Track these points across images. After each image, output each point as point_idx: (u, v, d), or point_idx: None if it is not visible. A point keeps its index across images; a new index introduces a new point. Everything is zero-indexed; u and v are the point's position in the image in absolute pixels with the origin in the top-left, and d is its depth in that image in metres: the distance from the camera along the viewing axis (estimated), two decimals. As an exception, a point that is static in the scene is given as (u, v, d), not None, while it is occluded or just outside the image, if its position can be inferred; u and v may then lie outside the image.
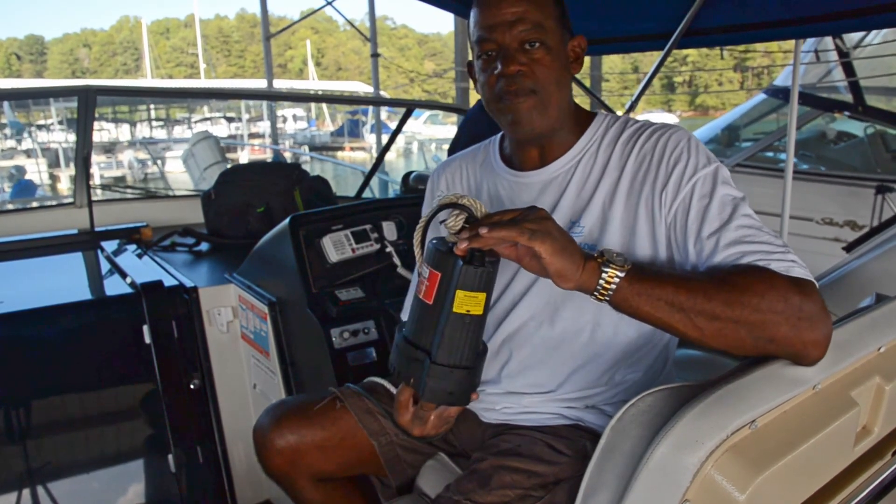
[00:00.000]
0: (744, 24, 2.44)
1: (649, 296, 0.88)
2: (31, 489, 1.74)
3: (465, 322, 0.91)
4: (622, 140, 1.13)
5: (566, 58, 1.13)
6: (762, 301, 0.85)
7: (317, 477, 1.34)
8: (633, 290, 0.88)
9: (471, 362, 0.94)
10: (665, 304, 0.87)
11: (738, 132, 6.12)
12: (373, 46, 9.71)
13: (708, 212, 0.99)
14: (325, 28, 75.45)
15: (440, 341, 0.92)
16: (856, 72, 4.88)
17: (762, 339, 0.85)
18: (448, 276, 0.89)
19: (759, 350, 0.87)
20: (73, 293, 1.94)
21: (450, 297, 0.89)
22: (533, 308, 1.16)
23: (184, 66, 72.56)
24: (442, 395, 0.95)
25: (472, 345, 0.93)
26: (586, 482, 0.80)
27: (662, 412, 0.78)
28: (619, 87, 21.44)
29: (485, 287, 0.90)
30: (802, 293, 0.86)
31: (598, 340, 1.13)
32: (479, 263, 0.89)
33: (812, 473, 0.83)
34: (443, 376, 0.93)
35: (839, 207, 4.52)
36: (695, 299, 0.86)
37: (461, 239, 0.89)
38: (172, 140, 21.65)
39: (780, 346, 0.85)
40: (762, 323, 0.85)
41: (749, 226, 0.96)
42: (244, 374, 2.08)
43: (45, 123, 22.46)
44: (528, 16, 1.06)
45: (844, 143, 5.49)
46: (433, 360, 0.93)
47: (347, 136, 26.08)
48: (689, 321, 0.87)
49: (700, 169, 1.03)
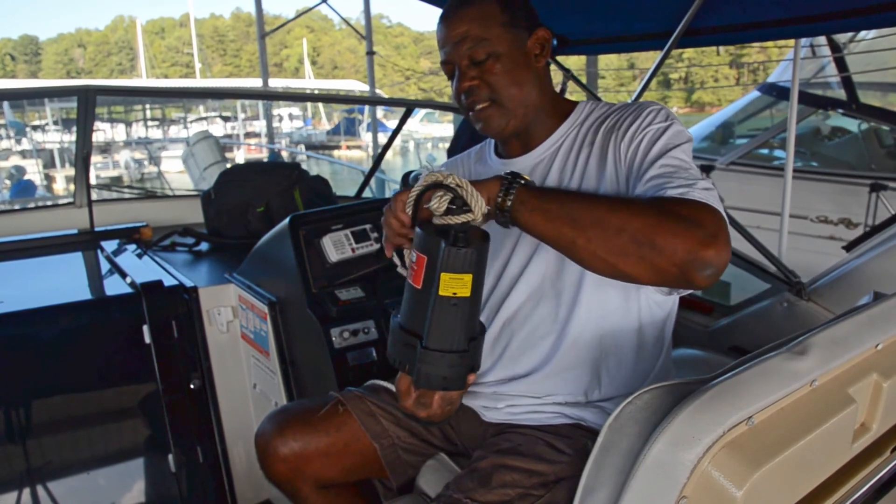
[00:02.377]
0: (743, 24, 2.44)
1: (543, 204, 0.95)
2: (31, 489, 1.74)
3: (452, 305, 0.89)
4: (599, 120, 1.19)
5: (525, 56, 1.18)
6: (642, 208, 0.91)
7: (320, 483, 1.34)
8: (529, 198, 0.96)
9: (463, 345, 0.93)
10: (557, 212, 0.94)
11: (732, 129, 6.14)
12: (368, 44, 9.71)
13: (648, 154, 1.05)
14: (320, 26, 75.47)
15: (430, 326, 0.91)
16: (849, 68, 4.89)
17: (643, 244, 0.88)
18: (433, 259, 0.88)
19: (644, 261, 0.89)
20: (73, 293, 1.94)
21: (436, 281, 0.88)
22: (531, 287, 1.20)
23: (179, 65, 72.55)
24: (436, 380, 0.94)
25: (462, 328, 0.92)
26: (585, 480, 0.81)
27: (660, 409, 0.78)
28: (615, 83, 21.54)
29: (470, 268, 0.89)
30: (690, 206, 0.90)
31: (588, 309, 1.16)
32: (464, 245, 0.88)
33: (810, 470, 0.83)
34: (435, 361, 0.92)
35: (834, 205, 4.53)
36: (584, 207, 0.93)
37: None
38: (168, 140, 21.64)
39: (662, 253, 0.88)
40: (641, 226, 0.89)
41: (673, 165, 1.02)
42: (244, 374, 2.09)
43: (39, 124, 22.42)
44: (471, 33, 1.14)
45: (838, 139, 5.50)
46: (424, 345, 0.92)
47: (344, 135, 26.13)
48: (576, 226, 0.92)
49: (655, 123, 1.09)
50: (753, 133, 5.83)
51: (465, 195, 0.90)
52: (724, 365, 0.85)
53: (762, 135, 5.50)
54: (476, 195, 0.91)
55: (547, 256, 1.18)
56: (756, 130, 5.85)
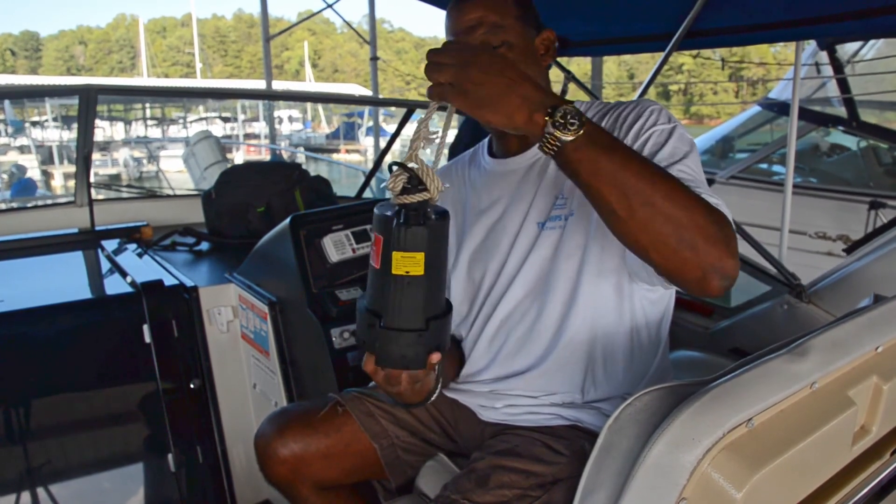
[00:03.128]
0: (745, 26, 2.44)
1: (595, 161, 0.85)
2: (31, 489, 1.74)
3: (407, 283, 0.88)
4: (596, 118, 1.17)
5: (534, 53, 1.18)
6: (692, 204, 0.85)
7: (320, 485, 1.34)
8: (577, 155, 0.85)
9: (420, 324, 0.91)
10: (607, 174, 0.84)
11: (732, 144, 6.17)
12: (372, 50, 9.72)
13: (657, 156, 1.03)
14: (322, 30, 75.56)
15: (387, 305, 0.91)
16: (849, 87, 4.91)
17: (685, 241, 0.84)
18: (387, 238, 0.88)
19: (676, 256, 0.85)
20: (74, 292, 1.94)
21: (389, 260, 0.88)
22: (527, 286, 1.20)
23: (180, 65, 72.62)
24: (396, 358, 0.94)
25: (419, 306, 0.91)
26: (584, 481, 0.81)
27: (659, 411, 0.78)
28: (615, 94, 21.61)
29: (422, 246, 0.87)
30: (723, 218, 0.88)
31: (581, 301, 1.16)
32: (416, 222, 0.86)
33: (809, 472, 0.83)
34: (393, 340, 0.92)
35: (833, 222, 4.56)
36: (638, 178, 0.84)
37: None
38: (168, 139, 21.60)
39: (697, 254, 0.84)
40: (689, 224, 0.84)
41: (690, 172, 1.00)
42: (244, 374, 2.09)
43: (39, 120, 22.35)
44: (487, 19, 1.12)
45: (837, 155, 5.54)
46: (383, 324, 0.91)
47: (343, 139, 26.10)
48: (623, 198, 0.84)
49: (659, 124, 1.08)
50: (753, 148, 5.86)
51: (420, 174, 0.87)
52: (724, 367, 0.85)
53: (762, 150, 5.54)
54: (432, 174, 0.87)
55: (543, 254, 1.18)
56: (756, 145, 5.89)
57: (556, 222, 1.17)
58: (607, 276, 1.14)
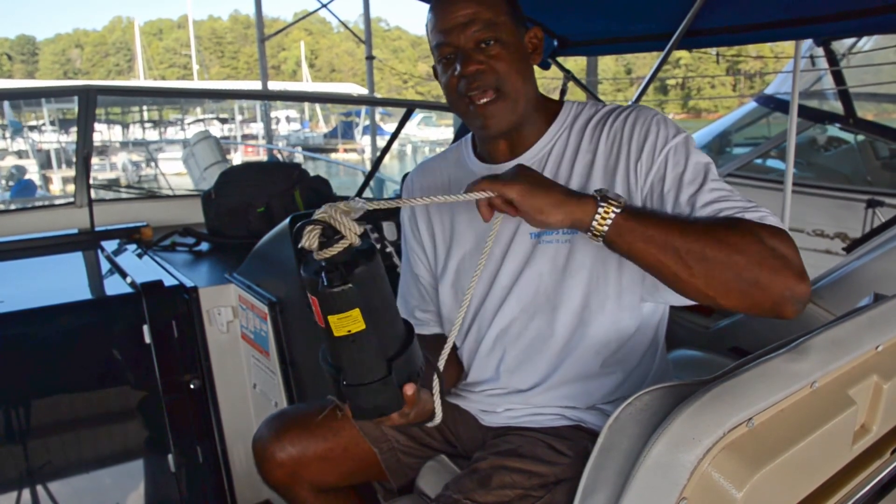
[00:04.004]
0: (743, 25, 2.44)
1: (643, 233, 0.91)
2: (31, 489, 1.74)
3: (351, 342, 0.86)
4: (592, 123, 1.16)
5: (524, 50, 1.15)
6: (743, 241, 0.89)
7: (318, 487, 1.34)
8: (628, 226, 0.91)
9: (381, 373, 0.90)
10: (658, 243, 0.91)
11: (729, 140, 6.16)
12: (368, 49, 9.72)
13: (682, 179, 1.03)
14: (318, 30, 75.46)
15: (342, 364, 0.89)
16: (846, 81, 4.90)
17: (747, 281, 0.88)
18: (319, 301, 0.85)
19: (745, 296, 0.89)
20: (74, 293, 1.94)
21: (328, 323, 0.86)
22: (523, 301, 1.17)
23: (177, 67, 72.50)
24: (370, 409, 0.93)
25: (373, 357, 0.89)
26: (585, 481, 0.81)
27: (660, 410, 0.78)
28: (612, 88, 21.57)
29: (355, 303, 0.84)
30: (777, 237, 0.90)
31: (588, 322, 1.14)
32: (339, 282, 0.83)
33: (810, 471, 0.83)
34: (359, 394, 0.91)
35: (830, 219, 4.56)
36: (686, 239, 0.90)
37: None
38: (166, 141, 21.54)
39: (764, 290, 0.88)
40: (746, 264, 0.88)
41: (721, 188, 1.01)
42: (244, 374, 2.09)
43: (36, 124, 22.30)
44: (480, 15, 1.09)
45: (835, 149, 5.52)
46: (344, 383, 0.90)
47: (341, 138, 26.07)
48: (680, 261, 0.90)
49: (671, 139, 1.07)
50: (749, 144, 5.85)
51: (333, 223, 0.85)
52: (725, 366, 0.85)
53: (759, 147, 5.52)
54: (344, 220, 0.84)
55: (540, 270, 1.15)
56: (752, 140, 5.87)
57: (552, 236, 1.14)
58: (613, 297, 1.13)
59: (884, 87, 5.32)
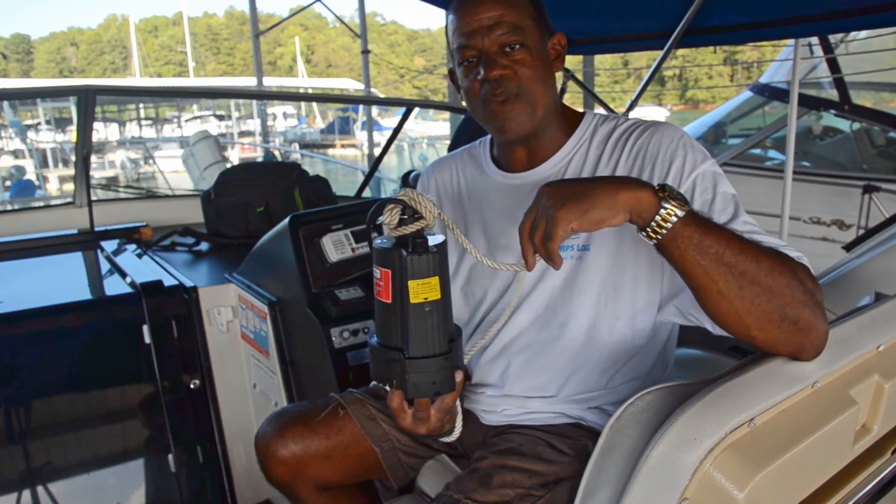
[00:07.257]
0: (743, 24, 2.44)
1: (700, 243, 0.83)
2: (31, 489, 1.74)
3: (427, 310, 0.90)
4: (613, 137, 1.13)
5: (547, 56, 1.12)
6: (794, 278, 0.83)
7: (320, 485, 1.34)
8: (686, 232, 0.83)
9: (445, 347, 0.93)
10: (713, 255, 0.83)
11: (724, 130, 6.14)
12: (363, 43, 9.71)
13: (713, 207, 1.00)
14: (314, 25, 75.34)
15: (408, 336, 0.91)
16: (841, 69, 4.88)
17: (788, 318, 0.82)
18: (397, 270, 0.89)
19: (781, 332, 0.83)
20: (73, 293, 1.94)
21: (405, 291, 0.89)
22: (534, 312, 1.16)
23: (172, 64, 72.35)
24: (426, 386, 0.94)
25: (441, 330, 0.92)
26: (586, 481, 0.81)
27: (661, 411, 0.78)
28: (609, 81, 21.53)
29: (436, 271, 0.89)
30: (814, 281, 0.86)
31: (596, 341, 1.13)
32: (424, 250, 0.88)
33: (811, 472, 0.83)
34: (422, 368, 0.93)
35: (827, 207, 4.53)
36: (743, 258, 0.83)
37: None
38: (162, 139, 21.52)
39: (800, 330, 0.83)
40: (792, 300, 0.82)
41: (752, 223, 0.98)
42: (244, 374, 2.08)
43: (32, 123, 22.25)
44: (506, 18, 1.06)
45: (831, 138, 5.50)
46: (407, 355, 0.92)
47: (338, 134, 26.06)
48: (730, 279, 0.82)
49: (698, 165, 1.04)
50: (745, 133, 5.82)
51: (414, 204, 0.89)
52: (726, 365, 0.85)
53: (755, 135, 5.50)
54: (425, 202, 0.89)
55: (553, 283, 1.13)
56: (748, 130, 5.85)
57: (566, 252, 1.11)
58: (625, 319, 1.11)
59: (880, 76, 5.28)
